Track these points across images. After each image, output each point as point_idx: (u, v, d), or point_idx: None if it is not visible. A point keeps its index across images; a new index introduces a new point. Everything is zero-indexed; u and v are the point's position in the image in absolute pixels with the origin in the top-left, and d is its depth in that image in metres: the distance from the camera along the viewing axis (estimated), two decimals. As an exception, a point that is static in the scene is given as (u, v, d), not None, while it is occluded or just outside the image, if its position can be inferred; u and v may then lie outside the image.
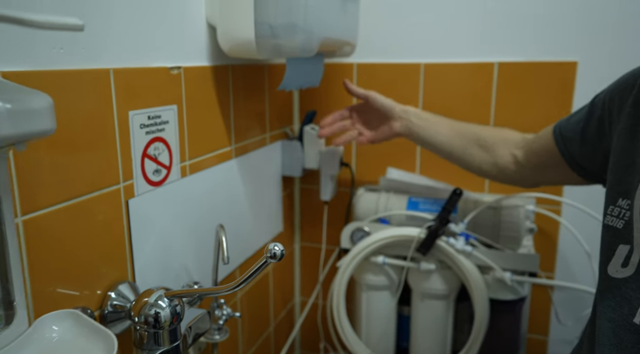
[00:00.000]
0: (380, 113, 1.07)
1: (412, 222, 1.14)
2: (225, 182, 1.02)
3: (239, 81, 1.05)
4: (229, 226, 1.02)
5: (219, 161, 0.99)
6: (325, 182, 1.29)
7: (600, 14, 1.10)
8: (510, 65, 1.17)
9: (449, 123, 1.02)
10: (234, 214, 1.07)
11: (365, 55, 1.28)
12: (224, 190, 1.02)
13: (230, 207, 1.04)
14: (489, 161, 0.97)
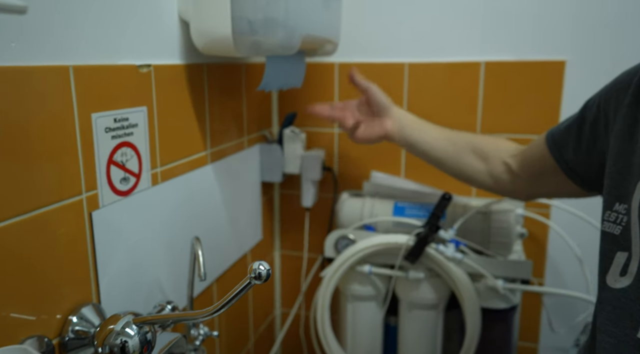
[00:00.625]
0: (376, 109, 1.01)
1: (399, 228, 1.09)
2: (201, 190, 0.95)
3: (215, 81, 0.98)
4: (205, 237, 0.95)
5: (193, 167, 0.92)
6: (307, 187, 1.23)
7: (590, 12, 1.07)
8: (497, 65, 1.13)
9: (441, 129, 0.98)
10: (211, 223, 1.00)
11: (347, 55, 1.22)
12: (199, 198, 0.95)
13: (206, 216, 0.97)
14: (483, 170, 0.92)
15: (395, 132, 0.99)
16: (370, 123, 1.02)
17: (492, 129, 1.16)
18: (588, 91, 1.09)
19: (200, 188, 0.95)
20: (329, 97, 1.25)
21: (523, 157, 0.87)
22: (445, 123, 1.18)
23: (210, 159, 0.98)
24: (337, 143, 1.27)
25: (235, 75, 1.07)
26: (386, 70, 1.20)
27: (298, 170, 1.22)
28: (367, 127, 1.02)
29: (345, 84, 1.24)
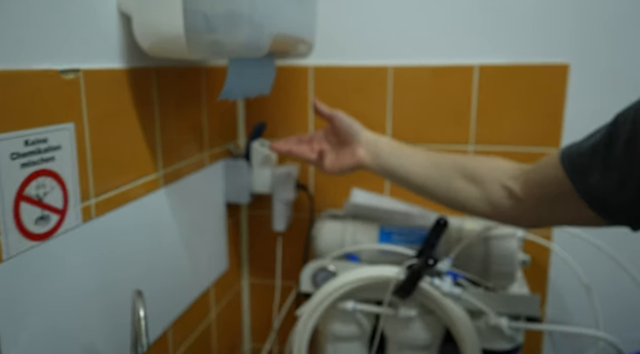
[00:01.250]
0: (344, 137, 0.91)
1: (385, 258, 0.95)
2: (152, 220, 0.79)
3: (168, 88, 0.82)
4: (158, 277, 0.79)
5: (141, 193, 0.75)
6: (279, 209, 1.07)
7: (595, 12, 0.95)
8: (492, 68, 1.01)
9: (425, 153, 0.86)
10: (164, 258, 0.83)
11: (323, 57, 1.07)
12: (149, 230, 0.78)
13: (158, 251, 0.81)
14: (478, 196, 0.78)
15: (369, 160, 0.89)
16: (341, 153, 0.92)
17: (487, 139, 1.03)
18: (594, 97, 0.98)
19: (150, 218, 0.78)
20: (302, 104, 1.10)
21: (528, 179, 0.74)
22: (435, 134, 1.05)
23: (163, 181, 0.82)
24: (312, 157, 1.12)
25: (193, 81, 0.91)
26: (367, 74, 1.06)
27: (268, 189, 1.06)
28: (338, 157, 0.92)
29: (321, 90, 1.09)
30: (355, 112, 1.07)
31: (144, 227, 0.76)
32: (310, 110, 1.10)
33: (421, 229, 0.97)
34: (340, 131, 0.91)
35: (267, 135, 1.13)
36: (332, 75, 1.08)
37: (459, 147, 1.04)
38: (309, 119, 1.11)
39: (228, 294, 1.12)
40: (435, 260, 0.82)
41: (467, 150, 1.04)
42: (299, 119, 1.11)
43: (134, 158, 0.74)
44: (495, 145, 1.03)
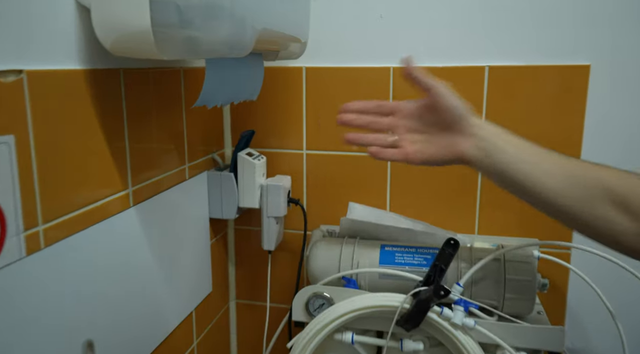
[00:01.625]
0: (444, 119, 0.66)
1: (388, 282, 0.85)
2: (121, 244, 0.68)
3: (138, 92, 0.71)
4: (130, 306, 0.68)
5: (106, 215, 0.65)
6: (269, 226, 0.97)
7: (615, 9, 0.86)
8: (504, 70, 0.91)
9: (556, 159, 0.63)
10: (137, 285, 0.73)
11: (318, 58, 0.97)
12: (118, 256, 0.68)
13: (129, 277, 0.70)
14: (629, 230, 0.58)
15: (476, 156, 0.64)
16: (435, 138, 0.67)
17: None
18: (617, 99, 0.89)
19: (119, 242, 0.68)
20: (296, 110, 1.00)
21: None
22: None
23: (133, 199, 0.71)
24: (305, 167, 1.02)
25: (169, 84, 0.80)
26: (367, 76, 0.96)
27: (257, 203, 0.96)
28: (429, 143, 0.67)
29: (315, 95, 0.99)
30: (353, 119, 0.97)
31: (110, 253, 0.66)
32: (305, 116, 1.00)
33: (427, 248, 0.87)
34: (440, 109, 0.66)
35: (255, 143, 1.02)
36: (327, 77, 0.97)
37: (468, 157, 0.94)
38: (304, 126, 1.00)
39: (212, 318, 1.02)
40: (446, 291, 0.72)
41: (477, 160, 0.94)
42: (291, 126, 1.01)
43: (96, 174, 0.63)
44: (508, 155, 0.93)
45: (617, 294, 0.90)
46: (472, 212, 0.96)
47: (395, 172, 0.98)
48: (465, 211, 0.97)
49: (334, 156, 1.00)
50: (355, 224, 0.94)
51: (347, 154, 0.99)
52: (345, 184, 1.01)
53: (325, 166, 1.01)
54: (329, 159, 1.00)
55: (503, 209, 0.95)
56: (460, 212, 0.97)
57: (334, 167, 1.00)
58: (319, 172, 1.01)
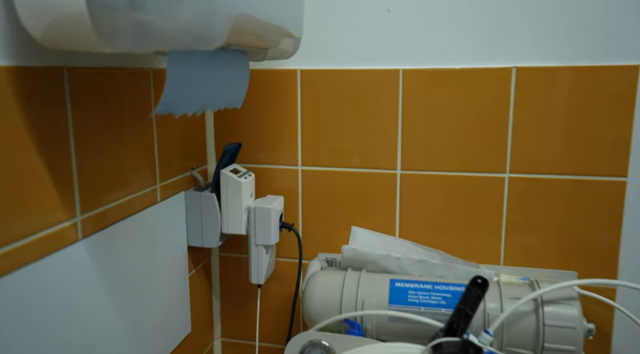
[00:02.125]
0: None
1: (400, 327, 0.70)
2: (63, 289, 0.54)
3: (91, 97, 0.57)
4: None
5: (42, 252, 0.51)
6: (259, 256, 0.82)
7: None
8: (531, 72, 0.77)
9: None
10: (93, 338, 0.58)
11: (315, 59, 0.84)
12: (62, 301, 0.53)
13: (77, 327, 0.56)
14: None
15: None
16: None
17: (527, 166, 0.79)
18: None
19: (62, 286, 0.53)
20: (290, 119, 0.86)
21: None
22: (461, 158, 0.81)
23: (83, 231, 0.57)
24: (301, 186, 0.88)
25: (136, 87, 0.66)
26: (372, 79, 0.82)
27: (244, 229, 0.81)
28: None
29: (311, 100, 0.85)
30: (357, 129, 0.83)
31: (51, 299, 0.51)
32: (300, 126, 0.86)
33: (447, 285, 0.72)
34: None
35: (242, 159, 0.88)
36: (326, 81, 0.84)
37: (491, 176, 0.80)
38: (299, 138, 0.86)
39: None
40: (478, 349, 0.57)
41: (502, 180, 0.80)
42: (285, 138, 0.87)
43: (30, 201, 0.49)
44: (538, 174, 0.79)
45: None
46: (496, 238, 0.82)
47: (406, 191, 0.84)
48: (489, 237, 0.82)
49: (334, 172, 0.86)
50: (359, 254, 0.80)
51: (350, 171, 0.85)
52: (347, 206, 0.86)
53: (323, 184, 0.87)
54: (329, 175, 0.86)
55: (534, 234, 0.80)
56: (483, 238, 0.82)
57: (334, 186, 0.86)
58: (317, 192, 0.87)
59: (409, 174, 0.83)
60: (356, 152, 0.85)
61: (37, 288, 0.50)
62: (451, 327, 0.63)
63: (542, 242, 0.81)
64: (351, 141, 0.84)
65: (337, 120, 0.84)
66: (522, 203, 0.80)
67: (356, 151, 0.84)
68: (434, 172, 0.82)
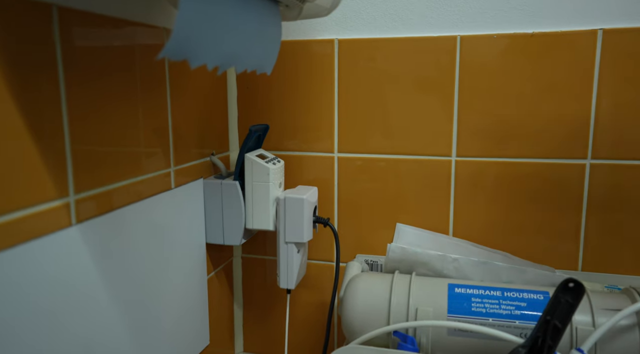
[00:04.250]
0: None
1: (463, 341, 0.57)
2: (52, 281, 0.42)
3: (88, 52, 0.46)
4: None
5: (26, 235, 0.39)
6: (289, 256, 0.70)
7: None
8: (624, 33, 0.63)
9: None
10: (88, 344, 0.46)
11: (356, 26, 0.72)
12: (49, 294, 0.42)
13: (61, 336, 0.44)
14: None
15: None
16: None
17: (613, 152, 0.65)
18: None
19: (54, 278, 0.42)
20: (326, 98, 0.74)
21: None
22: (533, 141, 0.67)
23: (78, 214, 0.46)
24: (337, 176, 0.76)
25: (146, 48, 0.55)
26: (422, 49, 0.70)
27: (272, 224, 0.69)
28: None
29: (348, 74, 0.73)
30: (405, 109, 0.71)
31: (36, 292, 0.40)
32: (336, 107, 0.74)
33: (519, 291, 0.59)
34: None
35: (270, 144, 0.77)
36: (368, 50, 0.72)
37: (571, 163, 0.67)
38: (335, 121, 0.74)
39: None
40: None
41: (585, 167, 0.67)
42: (319, 121, 0.75)
43: (10, 173, 0.38)
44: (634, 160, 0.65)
45: None
46: (574, 239, 0.68)
47: (463, 182, 0.71)
48: (564, 237, 0.68)
49: (377, 159, 0.74)
50: (409, 254, 0.67)
51: (395, 158, 0.73)
52: (391, 199, 0.74)
53: (364, 173, 0.74)
54: (370, 164, 0.74)
55: (621, 235, 0.66)
56: (557, 237, 0.69)
57: (377, 176, 0.74)
58: (356, 183, 0.75)
59: (467, 161, 0.71)
60: (402, 136, 0.72)
61: (16, 277, 0.38)
62: (535, 343, 0.50)
63: (630, 246, 0.67)
64: (397, 123, 0.72)
65: (381, 99, 0.72)
66: (607, 197, 0.66)
67: (402, 134, 0.72)
68: (498, 159, 0.69)
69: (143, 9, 0.55)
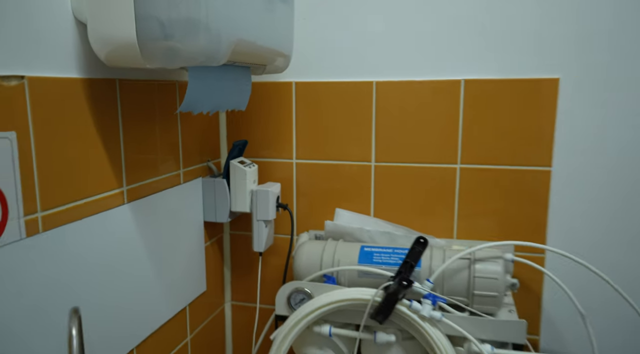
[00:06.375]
0: None
1: (365, 279, 0.90)
2: (113, 236, 0.76)
3: (134, 101, 0.80)
4: (122, 294, 0.75)
5: (100, 209, 0.73)
6: (259, 229, 1.03)
7: (582, 27, 0.91)
8: (479, 83, 0.97)
9: None
10: (129, 276, 0.80)
11: (307, 73, 1.05)
12: (109, 247, 0.75)
13: (122, 270, 0.78)
14: None
15: None
16: None
17: (475, 158, 0.98)
18: (586, 114, 0.94)
19: (111, 235, 0.75)
20: (286, 122, 1.08)
21: None
22: (422, 152, 1.01)
23: (128, 197, 0.79)
24: (295, 176, 1.09)
25: (166, 95, 0.89)
26: (351, 90, 1.03)
27: (248, 208, 1.03)
28: None
29: (304, 106, 1.06)
30: (340, 130, 1.04)
31: (104, 242, 0.73)
32: (294, 127, 1.07)
33: (404, 249, 0.92)
34: None
35: (248, 153, 1.10)
36: (315, 91, 1.05)
37: (446, 167, 1.00)
38: (294, 137, 1.08)
39: (207, 316, 1.08)
40: (410, 281, 0.77)
41: (455, 170, 1.00)
42: (282, 137, 1.08)
43: (92, 172, 0.71)
44: (483, 164, 0.98)
45: (589, 296, 0.94)
46: (450, 218, 1.01)
47: (379, 181, 1.04)
48: (445, 217, 1.02)
49: (322, 164, 1.07)
50: (339, 228, 1.00)
51: (335, 163, 1.06)
52: (332, 192, 1.07)
53: (314, 174, 1.08)
54: (318, 167, 1.07)
55: (482, 215, 1.00)
56: (440, 218, 1.02)
57: (322, 176, 1.07)
58: (308, 180, 1.08)
59: (382, 166, 1.04)
60: (339, 148, 1.06)
61: (97, 231, 0.72)
62: (399, 274, 0.83)
63: (488, 221, 1.00)
64: (335, 139, 1.05)
65: (324, 122, 1.06)
66: (471, 189, 1.00)
67: (339, 147, 1.05)
68: (401, 164, 1.03)
69: (164, 73, 0.88)
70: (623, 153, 0.92)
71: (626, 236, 0.94)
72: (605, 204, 0.94)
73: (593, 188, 0.94)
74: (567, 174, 0.95)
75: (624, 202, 0.93)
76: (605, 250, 0.94)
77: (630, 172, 0.92)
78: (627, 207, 0.93)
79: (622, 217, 0.93)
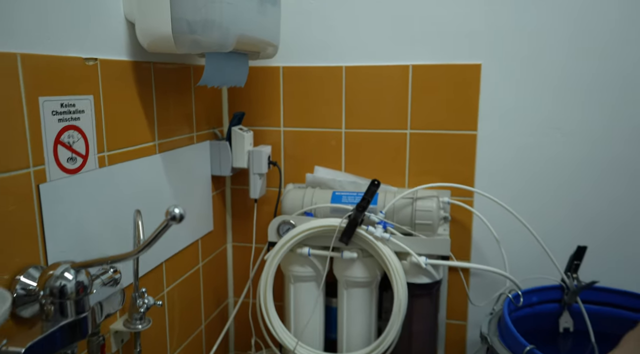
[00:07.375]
0: None
1: (336, 214, 1.19)
2: (149, 176, 1.04)
3: (162, 79, 1.08)
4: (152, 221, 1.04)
5: (141, 155, 1.01)
6: (255, 180, 1.32)
7: (501, 20, 1.20)
8: (422, 68, 1.26)
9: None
10: (158, 208, 1.08)
11: (292, 59, 1.34)
12: (147, 183, 1.03)
13: (154, 200, 1.06)
14: None
15: None
16: None
17: (421, 125, 1.28)
18: (502, 91, 1.23)
19: (148, 174, 1.04)
20: (275, 98, 1.36)
21: None
22: (381, 120, 1.30)
23: (159, 149, 1.07)
24: (282, 140, 1.38)
25: (183, 76, 1.17)
26: (326, 73, 1.32)
27: (246, 164, 1.31)
28: None
29: (290, 86, 1.35)
30: (317, 104, 1.33)
31: (142, 179, 1.02)
32: (282, 102, 1.36)
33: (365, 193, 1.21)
34: None
35: (245, 123, 1.39)
36: (298, 73, 1.34)
37: (399, 132, 1.29)
38: (281, 110, 1.36)
39: (214, 250, 1.37)
40: (364, 207, 1.07)
41: (405, 135, 1.29)
42: (271, 110, 1.37)
43: (135, 128, 0.99)
44: (427, 130, 1.28)
45: (505, 230, 1.25)
46: (403, 172, 1.31)
47: (349, 143, 1.33)
48: (399, 171, 1.31)
49: (304, 131, 1.36)
50: (317, 179, 1.29)
51: (314, 130, 1.35)
52: (313, 153, 1.36)
53: (297, 139, 1.36)
54: (301, 134, 1.36)
55: (426, 169, 1.29)
56: (395, 172, 1.32)
57: (304, 140, 1.36)
58: (293, 144, 1.37)
59: (350, 132, 1.33)
60: (317, 119, 1.34)
61: (139, 170, 1.00)
62: (358, 208, 1.13)
63: (431, 176, 1.29)
64: (314, 111, 1.34)
65: (306, 98, 1.34)
66: (418, 148, 1.29)
67: (317, 117, 1.34)
68: (365, 130, 1.32)
69: (183, 58, 1.16)
70: (532, 120, 1.22)
71: (531, 181, 1.24)
72: (518, 159, 1.24)
73: (510, 148, 1.24)
74: (488, 136, 1.25)
75: (532, 157, 1.23)
76: (516, 192, 1.25)
77: (538, 135, 1.22)
78: (532, 160, 1.23)
79: (528, 168, 1.24)
